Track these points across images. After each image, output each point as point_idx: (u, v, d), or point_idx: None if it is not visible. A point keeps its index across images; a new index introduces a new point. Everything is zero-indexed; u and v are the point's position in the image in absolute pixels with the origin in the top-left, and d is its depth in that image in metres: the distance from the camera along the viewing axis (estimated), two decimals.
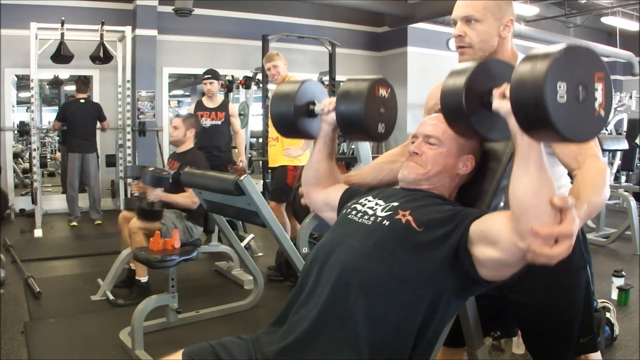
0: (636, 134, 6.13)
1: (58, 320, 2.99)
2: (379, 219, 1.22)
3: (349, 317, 1.11)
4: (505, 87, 0.99)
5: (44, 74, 6.68)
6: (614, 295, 3.31)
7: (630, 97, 7.50)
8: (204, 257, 4.27)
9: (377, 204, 1.27)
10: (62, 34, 5.69)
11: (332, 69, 6.85)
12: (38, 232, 5.22)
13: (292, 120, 1.42)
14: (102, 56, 6.02)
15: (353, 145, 5.96)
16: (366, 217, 1.24)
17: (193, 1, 5.77)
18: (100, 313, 3.12)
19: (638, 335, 2.81)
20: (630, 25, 8.98)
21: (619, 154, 6.08)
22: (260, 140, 8.17)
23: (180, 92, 14.12)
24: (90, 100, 5.96)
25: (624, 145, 5.29)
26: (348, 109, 1.31)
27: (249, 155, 6.38)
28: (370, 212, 1.25)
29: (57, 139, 10.10)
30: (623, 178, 6.60)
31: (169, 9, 6.13)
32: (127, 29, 6.13)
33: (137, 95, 6.54)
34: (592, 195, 1.12)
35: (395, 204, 1.24)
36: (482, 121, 1.08)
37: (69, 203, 5.77)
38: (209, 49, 7.15)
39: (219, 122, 4.55)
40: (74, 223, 5.67)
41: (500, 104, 1.00)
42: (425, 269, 1.12)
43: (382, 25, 8.37)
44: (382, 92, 1.32)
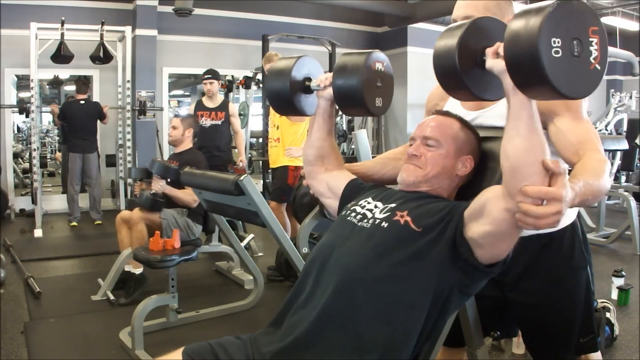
0: (636, 134, 6.14)
1: (58, 320, 2.99)
2: (378, 221, 1.22)
3: (350, 320, 1.11)
4: (498, 46, 0.98)
5: (44, 74, 6.68)
6: (614, 295, 3.31)
7: (630, 97, 7.49)
8: (204, 257, 4.27)
9: (376, 206, 1.27)
10: (62, 34, 5.69)
11: (332, 69, 6.84)
12: (38, 232, 5.22)
13: (288, 97, 1.41)
14: (102, 56, 6.02)
15: (353, 145, 5.96)
16: (365, 220, 1.24)
17: (193, 1, 5.77)
18: (100, 313, 3.12)
19: (638, 335, 2.81)
20: (630, 25, 8.97)
21: (619, 154, 6.07)
22: (260, 140, 8.17)
23: (180, 92, 14.11)
24: (90, 101, 5.96)
25: (624, 145, 5.28)
26: (345, 83, 1.30)
27: (249, 155, 6.38)
28: (369, 215, 1.25)
29: (57, 139, 10.11)
30: (623, 178, 6.60)
31: (169, 9, 6.13)
32: (127, 29, 6.14)
33: (137, 95, 6.54)
34: (591, 177, 1.10)
35: (393, 205, 1.24)
36: (476, 81, 1.06)
37: (69, 203, 5.77)
38: (209, 49, 7.15)
39: (219, 122, 4.56)
40: (74, 223, 5.67)
41: (494, 62, 0.99)
42: (426, 266, 1.13)
43: (382, 25, 8.37)
44: (379, 65, 1.32)
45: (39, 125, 6.54)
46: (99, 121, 5.87)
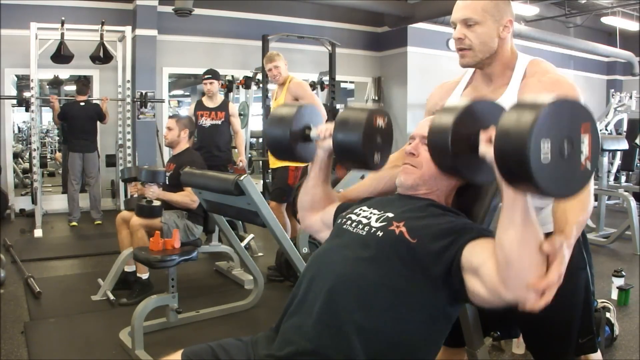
0: (636, 134, 6.14)
1: (58, 320, 2.99)
2: (373, 229, 1.21)
3: (343, 329, 1.10)
4: (492, 132, 0.97)
5: (44, 74, 6.68)
6: (614, 295, 3.31)
7: (630, 97, 7.50)
8: (204, 257, 4.27)
9: (371, 213, 1.26)
10: (62, 34, 5.69)
11: (332, 69, 6.86)
12: (38, 232, 5.22)
13: (287, 145, 1.41)
14: (102, 56, 6.01)
15: None
16: (360, 226, 1.24)
17: (193, 1, 5.77)
18: (100, 313, 3.12)
19: (638, 335, 2.81)
20: (630, 25, 8.98)
21: (619, 154, 6.08)
22: (260, 140, 8.18)
23: (180, 92, 14.13)
24: (90, 102, 5.96)
25: (624, 145, 5.29)
26: (345, 138, 1.29)
27: (249, 155, 6.38)
28: (365, 222, 1.24)
29: (57, 139, 10.12)
30: (623, 178, 6.61)
31: (169, 9, 6.13)
32: (127, 29, 6.13)
33: (137, 93, 6.54)
34: (580, 214, 1.14)
35: (391, 215, 1.23)
36: (468, 163, 1.07)
37: (69, 203, 5.77)
38: (209, 49, 7.15)
39: (219, 122, 4.55)
40: (74, 223, 5.67)
41: (487, 150, 0.98)
42: (418, 281, 1.12)
43: (382, 25, 8.36)
44: (380, 122, 1.31)
45: (39, 125, 6.54)
46: (98, 122, 5.88)
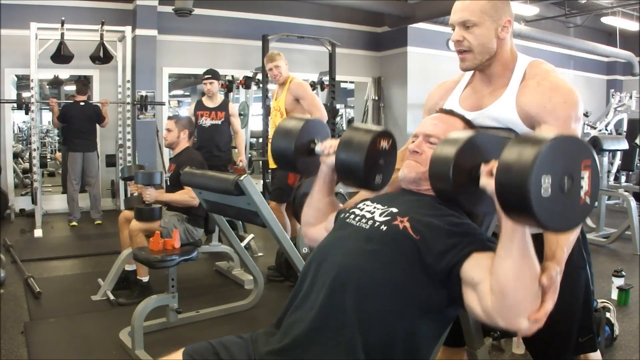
0: (636, 134, 6.14)
1: (58, 320, 2.99)
2: (377, 223, 1.21)
3: (344, 320, 1.11)
4: (493, 165, 0.99)
5: (44, 74, 6.68)
6: (614, 295, 3.31)
7: (630, 97, 7.50)
8: (204, 257, 4.27)
9: (375, 208, 1.27)
10: (62, 34, 5.68)
11: (332, 69, 6.86)
12: (38, 232, 5.21)
13: (292, 158, 1.43)
14: (102, 56, 6.01)
15: None
16: (364, 220, 1.24)
17: (193, 1, 5.77)
18: (100, 313, 3.12)
19: (638, 335, 2.81)
20: (630, 25, 8.98)
21: (619, 154, 6.08)
22: (260, 140, 8.18)
23: (180, 92, 14.13)
24: (89, 103, 5.96)
25: (624, 145, 5.29)
26: (348, 158, 1.31)
27: (249, 155, 6.38)
28: (369, 216, 1.24)
29: (57, 139, 10.12)
30: (623, 178, 6.60)
31: (169, 9, 6.13)
32: (127, 29, 6.13)
33: (137, 96, 6.54)
34: (570, 235, 1.17)
35: (395, 210, 1.23)
36: (469, 194, 1.09)
37: (69, 203, 5.77)
38: (209, 49, 7.15)
39: (219, 122, 4.56)
40: (74, 223, 5.67)
41: (487, 182, 1.00)
42: (418, 276, 1.12)
43: (382, 25, 8.36)
44: (384, 144, 1.31)
45: (39, 125, 6.54)
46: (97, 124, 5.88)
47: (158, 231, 2.89)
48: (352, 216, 1.28)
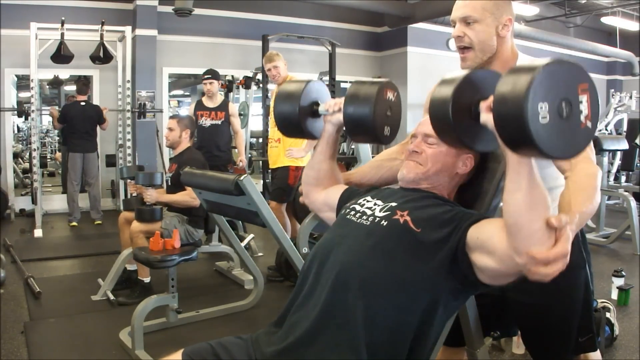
0: (636, 134, 6.14)
1: (58, 320, 2.99)
2: (377, 219, 1.22)
3: (348, 318, 1.11)
4: (491, 100, 0.97)
5: (44, 74, 6.67)
6: (614, 295, 3.31)
7: (630, 97, 7.49)
8: (204, 257, 4.27)
9: (375, 204, 1.27)
10: (62, 34, 5.69)
11: (332, 69, 6.86)
12: (38, 232, 5.22)
13: (296, 121, 1.41)
14: (102, 56, 6.02)
15: (353, 146, 5.96)
16: (364, 217, 1.24)
17: (193, 1, 5.77)
18: (100, 313, 3.12)
19: (638, 335, 2.81)
20: (630, 25, 8.98)
21: (619, 154, 6.07)
22: (260, 140, 8.17)
23: (180, 92, 14.12)
24: (90, 103, 5.96)
25: (624, 145, 5.28)
26: (356, 111, 1.30)
27: (249, 155, 6.37)
28: (369, 213, 1.25)
29: (57, 139, 10.11)
30: (623, 178, 6.60)
31: (169, 9, 6.13)
32: (127, 29, 6.14)
33: (137, 95, 6.54)
34: (584, 204, 1.12)
35: (394, 204, 1.24)
36: (470, 132, 1.07)
37: (69, 203, 5.77)
38: (209, 49, 7.15)
39: (219, 122, 4.56)
40: (74, 223, 5.67)
41: (488, 117, 0.99)
42: (423, 270, 1.12)
43: (382, 25, 8.37)
44: (390, 95, 1.32)
45: (39, 126, 6.54)
46: (98, 126, 5.88)
47: (158, 232, 2.89)
48: (353, 212, 1.28)
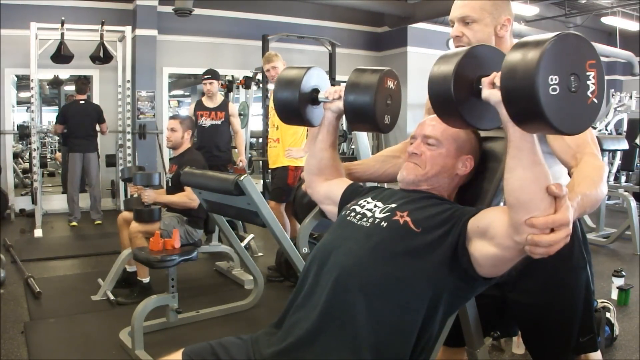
0: (636, 134, 6.13)
1: (58, 320, 2.99)
2: (377, 220, 1.22)
3: (348, 319, 1.11)
4: (494, 76, 0.97)
5: (44, 74, 6.68)
6: (614, 295, 3.31)
7: (630, 97, 7.49)
8: (204, 257, 4.27)
9: (375, 206, 1.27)
10: (62, 34, 5.69)
11: (332, 69, 6.86)
12: (38, 232, 5.22)
13: (296, 107, 1.40)
14: (102, 56, 6.02)
15: (353, 145, 5.96)
16: (365, 219, 1.24)
17: (193, 1, 5.77)
18: (100, 313, 3.12)
19: (638, 335, 2.81)
20: (630, 25, 8.98)
21: (619, 154, 6.07)
22: (260, 140, 8.17)
23: (180, 92, 14.11)
24: (90, 102, 5.96)
25: (624, 145, 5.28)
26: (357, 99, 1.30)
27: (249, 155, 6.37)
28: (369, 214, 1.25)
29: (57, 139, 10.10)
30: (623, 178, 6.60)
31: (169, 9, 6.13)
32: (127, 29, 6.13)
33: (137, 95, 6.54)
34: (587, 188, 1.10)
35: (393, 206, 1.24)
36: (472, 110, 1.05)
37: (69, 203, 5.77)
38: (209, 49, 7.16)
39: (219, 122, 4.56)
40: (74, 223, 5.67)
41: (490, 92, 0.97)
42: (424, 269, 1.12)
43: (382, 25, 8.36)
44: (390, 83, 1.32)
45: (39, 125, 6.53)
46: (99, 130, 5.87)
47: (158, 231, 2.89)
48: (353, 214, 1.28)
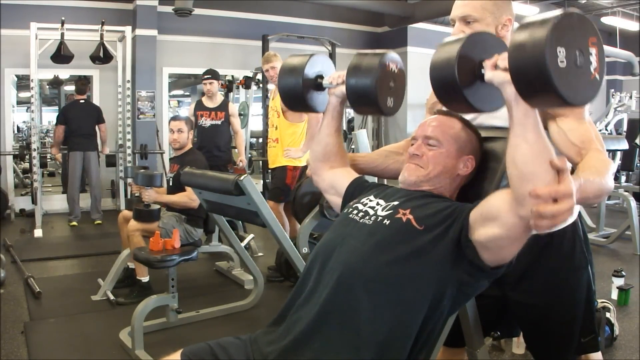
0: (636, 134, 6.12)
1: (58, 320, 2.99)
2: (380, 218, 1.22)
3: (350, 317, 1.11)
4: (496, 59, 0.99)
5: (44, 74, 6.68)
6: (614, 295, 3.31)
7: (630, 97, 7.49)
8: (204, 257, 4.26)
9: (378, 204, 1.27)
10: (62, 34, 5.69)
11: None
12: (38, 232, 5.21)
13: (300, 93, 1.41)
14: (102, 56, 6.02)
15: (353, 145, 5.96)
16: (367, 217, 1.24)
17: (193, 1, 5.77)
18: (100, 313, 3.12)
19: (638, 335, 2.81)
20: (630, 25, 8.98)
21: (619, 154, 6.07)
22: (260, 140, 8.17)
23: (180, 92, 14.12)
24: (89, 102, 5.96)
25: (624, 145, 5.27)
26: (358, 82, 1.30)
27: (249, 155, 6.38)
28: (372, 212, 1.25)
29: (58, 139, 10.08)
30: (623, 178, 6.59)
31: (169, 9, 6.13)
32: (127, 29, 6.13)
33: (137, 95, 6.54)
34: (591, 175, 1.10)
35: (396, 203, 1.24)
36: (474, 93, 1.07)
37: (70, 202, 5.77)
38: (209, 49, 7.16)
39: (219, 122, 4.56)
40: (74, 223, 5.67)
41: (494, 74, 0.99)
42: (427, 265, 1.13)
43: (382, 25, 8.36)
44: (393, 67, 1.32)
45: (39, 125, 6.53)
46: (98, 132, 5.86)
47: (158, 231, 2.89)
48: (355, 212, 1.29)
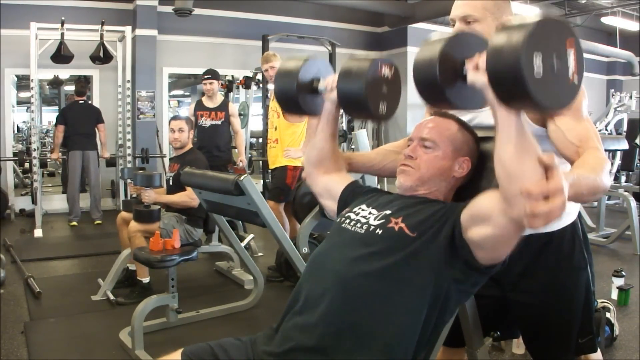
0: (636, 134, 6.13)
1: (58, 320, 2.99)
2: (372, 227, 1.22)
3: (347, 326, 1.11)
4: (477, 59, 0.99)
5: (44, 74, 6.68)
6: (614, 295, 3.31)
7: (630, 97, 7.49)
8: (204, 257, 4.27)
9: (370, 213, 1.27)
10: (62, 34, 5.69)
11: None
12: (38, 232, 5.21)
13: (294, 97, 1.40)
14: (102, 56, 6.02)
15: (353, 145, 5.96)
16: (359, 225, 1.24)
17: (193, 1, 5.77)
18: (100, 313, 3.12)
19: (638, 335, 2.81)
20: (630, 25, 8.97)
21: (619, 154, 6.07)
22: (260, 140, 8.18)
23: (180, 92, 14.12)
24: (89, 103, 5.96)
25: (624, 145, 5.28)
26: (348, 87, 1.29)
27: (249, 155, 6.38)
28: (363, 221, 1.25)
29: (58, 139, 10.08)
30: (623, 178, 6.60)
31: (169, 9, 6.13)
32: (127, 29, 6.13)
33: (137, 95, 6.54)
34: (585, 171, 1.10)
35: (388, 212, 1.24)
36: (457, 92, 1.06)
37: (70, 202, 5.77)
38: (209, 49, 7.16)
39: (219, 122, 4.56)
40: (74, 222, 5.67)
41: (475, 76, 0.99)
42: (422, 268, 1.13)
43: (382, 25, 8.36)
44: (386, 71, 1.30)
45: (39, 125, 6.53)
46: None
47: (158, 231, 2.89)
48: (348, 221, 1.28)
